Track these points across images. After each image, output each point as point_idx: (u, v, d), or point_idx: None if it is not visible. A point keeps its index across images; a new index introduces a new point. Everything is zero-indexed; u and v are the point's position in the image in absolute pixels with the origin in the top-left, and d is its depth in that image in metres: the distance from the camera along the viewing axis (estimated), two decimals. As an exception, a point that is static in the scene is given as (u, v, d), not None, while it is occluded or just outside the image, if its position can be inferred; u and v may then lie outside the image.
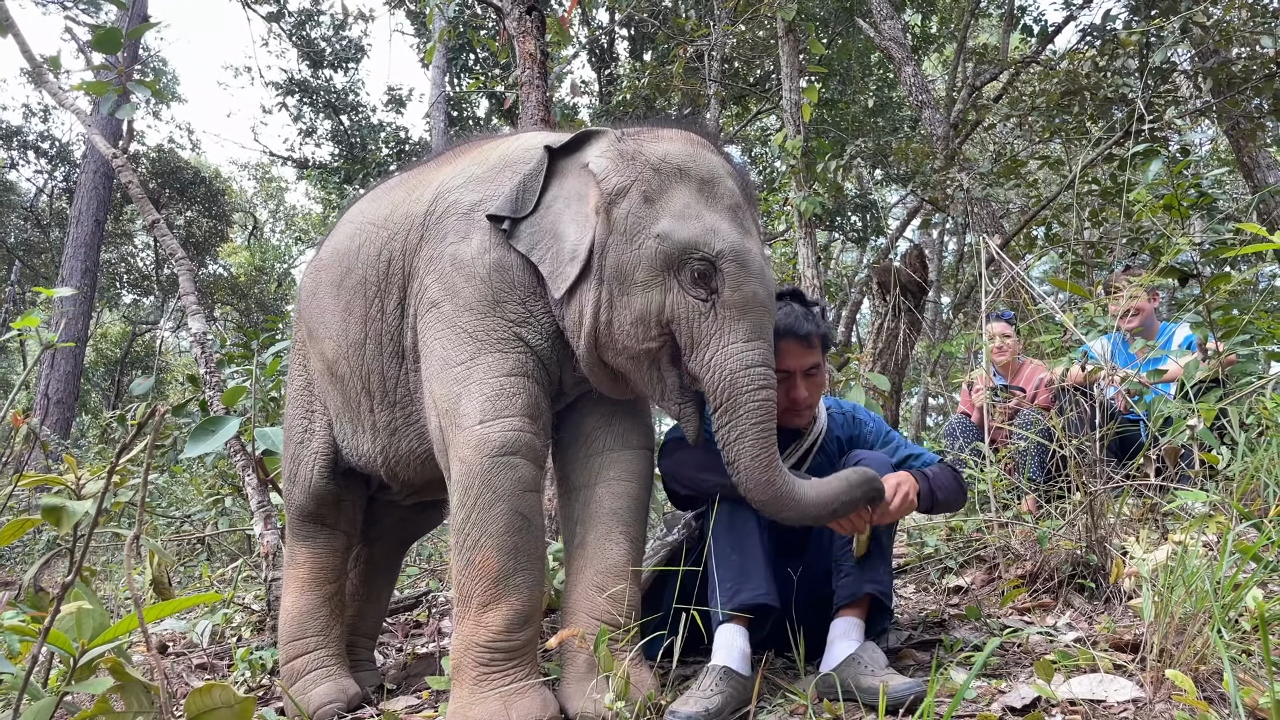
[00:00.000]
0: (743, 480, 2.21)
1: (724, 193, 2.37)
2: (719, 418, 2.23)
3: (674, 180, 2.33)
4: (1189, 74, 8.43)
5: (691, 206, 2.30)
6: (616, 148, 2.39)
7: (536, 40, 4.92)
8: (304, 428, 2.94)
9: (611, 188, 2.33)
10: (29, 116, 18.50)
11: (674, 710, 2.14)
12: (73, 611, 1.65)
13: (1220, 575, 2.06)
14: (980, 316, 4.06)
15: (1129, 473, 2.94)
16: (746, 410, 2.19)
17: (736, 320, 2.24)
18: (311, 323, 2.90)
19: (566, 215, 2.39)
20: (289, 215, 26.12)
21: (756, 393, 2.20)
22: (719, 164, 2.43)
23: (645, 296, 2.27)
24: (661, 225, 2.26)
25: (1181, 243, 3.52)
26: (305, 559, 2.91)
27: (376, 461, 2.76)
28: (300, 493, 2.90)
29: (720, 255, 2.24)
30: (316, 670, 2.78)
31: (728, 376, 2.20)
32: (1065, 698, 2.04)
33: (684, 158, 2.37)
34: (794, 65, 7.09)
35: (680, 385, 2.34)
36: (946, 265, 14.28)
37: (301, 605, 2.86)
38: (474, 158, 2.66)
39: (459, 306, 2.40)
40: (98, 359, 20.65)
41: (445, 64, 14.47)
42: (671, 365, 2.32)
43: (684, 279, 2.25)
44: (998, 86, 10.41)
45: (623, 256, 2.28)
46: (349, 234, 2.80)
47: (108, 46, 3.88)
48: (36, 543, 6.71)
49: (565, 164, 2.47)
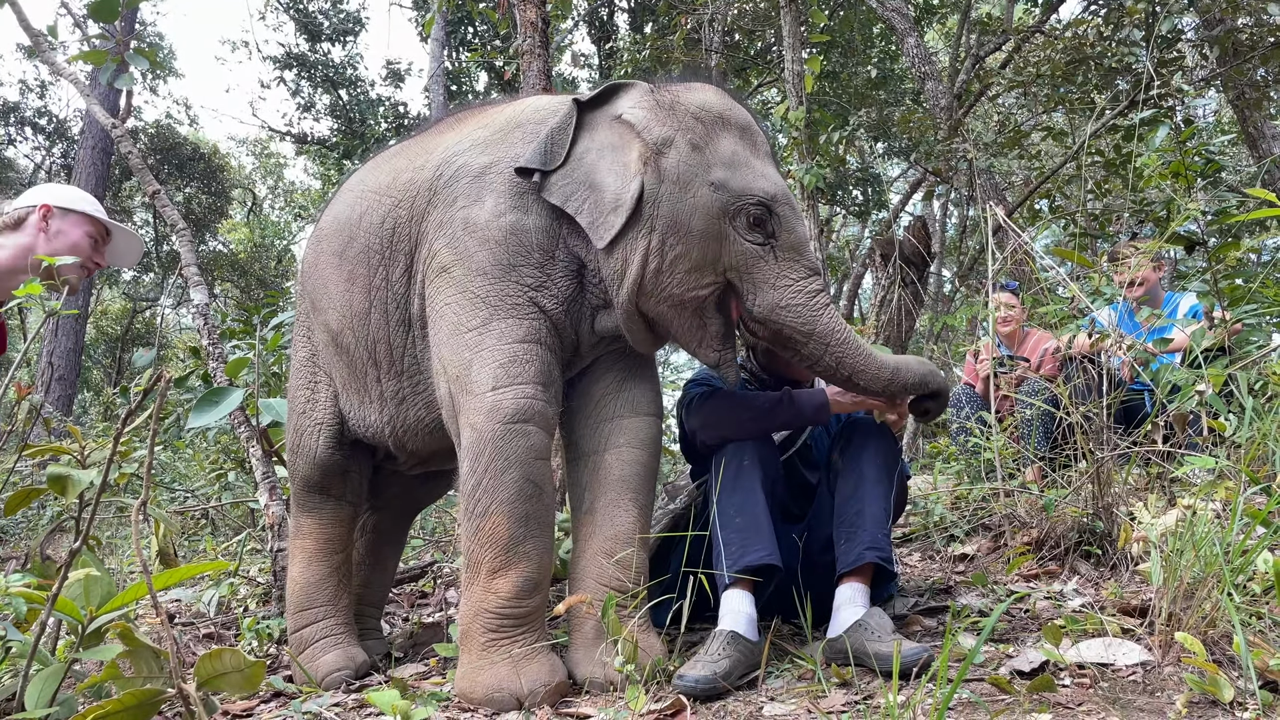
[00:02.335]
0: (869, 384, 2.37)
1: (760, 140, 2.47)
2: (808, 348, 2.34)
3: (717, 128, 2.39)
4: (1195, 43, 8.36)
5: (740, 154, 2.37)
6: (652, 98, 2.43)
7: (538, 8, 4.87)
8: (307, 398, 2.92)
9: (656, 137, 2.36)
10: (26, 92, 18.36)
11: (682, 674, 2.14)
12: (80, 579, 1.65)
13: (1230, 539, 2.06)
14: (986, 285, 4.04)
15: (1136, 440, 2.94)
16: (829, 331, 2.33)
17: (795, 260, 2.36)
18: (314, 294, 2.88)
19: (603, 165, 2.39)
20: (288, 191, 26.00)
21: (830, 313, 2.35)
22: (749, 113, 2.52)
23: (703, 244, 2.32)
24: (716, 174, 2.32)
25: (1191, 208, 3.49)
26: (311, 530, 2.90)
27: (384, 432, 2.74)
28: (305, 463, 2.89)
29: (774, 199, 2.34)
30: (325, 639, 2.78)
31: (803, 310, 2.32)
32: (1074, 661, 2.04)
33: (721, 106, 2.44)
34: (796, 36, 7.02)
35: (723, 332, 2.39)
36: (949, 238, 14.22)
37: (309, 576, 2.86)
38: (479, 121, 2.64)
39: (471, 271, 2.38)
40: (98, 336, 20.62)
41: (444, 37, 14.35)
42: (717, 312, 2.38)
43: (739, 225, 2.33)
44: (1001, 57, 10.32)
45: (678, 205, 2.31)
46: (349, 203, 2.78)
47: (104, 15, 3.84)
48: (41, 517, 6.72)
49: (593, 117, 2.48)
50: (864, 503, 2.46)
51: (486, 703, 2.16)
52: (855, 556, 2.41)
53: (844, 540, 2.46)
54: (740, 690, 2.17)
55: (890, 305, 6.36)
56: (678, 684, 2.13)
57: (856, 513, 2.45)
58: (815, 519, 2.66)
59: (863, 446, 2.54)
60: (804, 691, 2.10)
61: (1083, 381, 3.12)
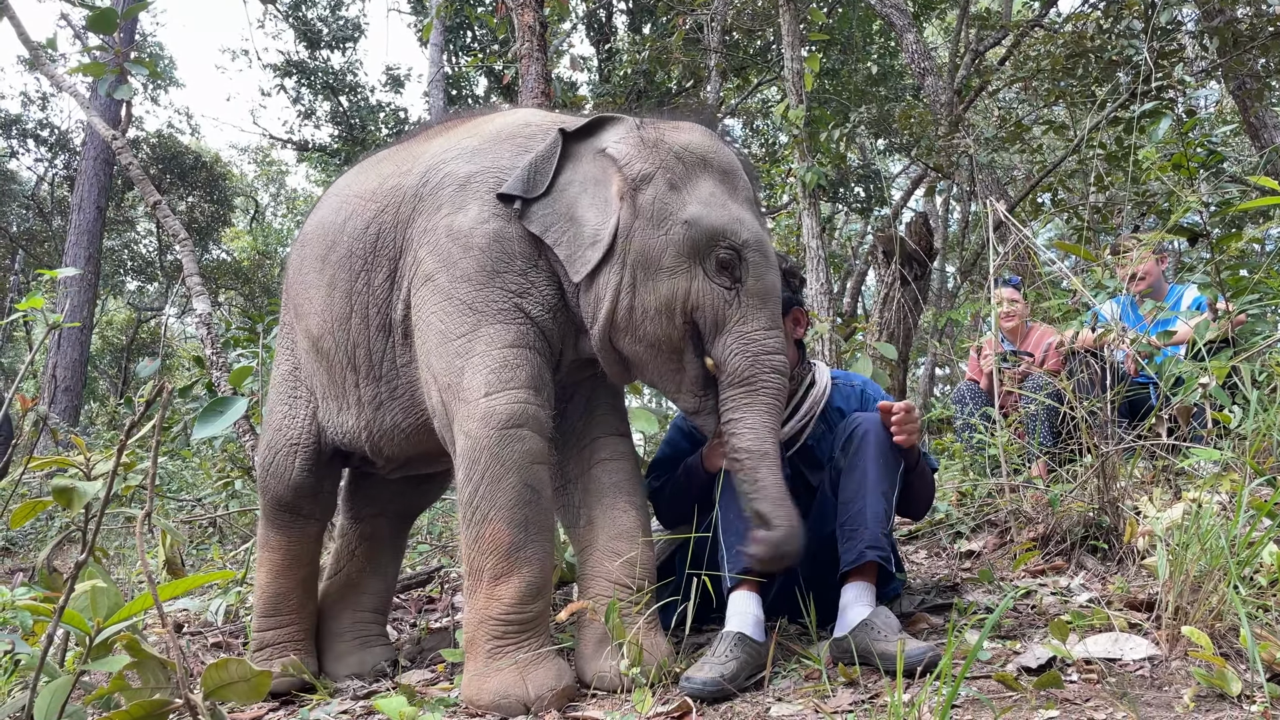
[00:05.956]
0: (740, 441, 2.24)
1: (742, 185, 2.44)
2: (732, 389, 2.28)
3: (698, 169, 2.38)
4: (1194, 34, 8.34)
5: (717, 195, 2.35)
6: (637, 134, 2.42)
7: (535, 12, 4.88)
8: (285, 414, 2.92)
9: (636, 173, 2.35)
10: (27, 104, 18.39)
11: (689, 677, 2.14)
12: (87, 590, 1.65)
13: (1235, 532, 2.05)
14: (988, 281, 4.03)
15: (1141, 433, 2.93)
16: (763, 388, 2.28)
17: (759, 308, 2.32)
18: (297, 299, 2.88)
19: (584, 199, 2.39)
20: (290, 198, 26.06)
21: (774, 376, 2.30)
22: (734, 157, 2.50)
23: (671, 282, 2.30)
24: (690, 211, 2.30)
25: (1191, 199, 3.48)
26: (280, 545, 2.93)
27: (361, 437, 2.75)
28: (277, 483, 2.89)
29: (745, 244, 2.31)
30: (283, 644, 2.86)
31: (750, 359, 2.27)
32: (1081, 657, 2.04)
33: (705, 148, 2.42)
34: (795, 34, 7.02)
35: (701, 377, 2.36)
36: (951, 234, 14.20)
37: (276, 588, 2.91)
38: (467, 130, 2.65)
39: (456, 278, 2.39)
40: (103, 346, 20.68)
41: (443, 42, 14.35)
42: (695, 356, 2.35)
43: (709, 266, 2.30)
44: (1001, 51, 10.30)
45: (649, 241, 2.31)
46: (334, 207, 2.79)
47: (103, 27, 3.85)
48: (48, 529, 6.74)
49: (579, 148, 2.48)
50: (866, 501, 2.45)
51: (494, 709, 2.16)
52: (856, 555, 2.41)
53: (846, 539, 2.45)
54: (747, 691, 2.17)
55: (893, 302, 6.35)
56: (685, 686, 2.13)
57: (858, 512, 2.45)
58: (818, 518, 2.66)
59: (865, 445, 2.54)
60: (810, 691, 2.10)
61: (1086, 376, 3.11)
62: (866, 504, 2.45)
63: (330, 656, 2.97)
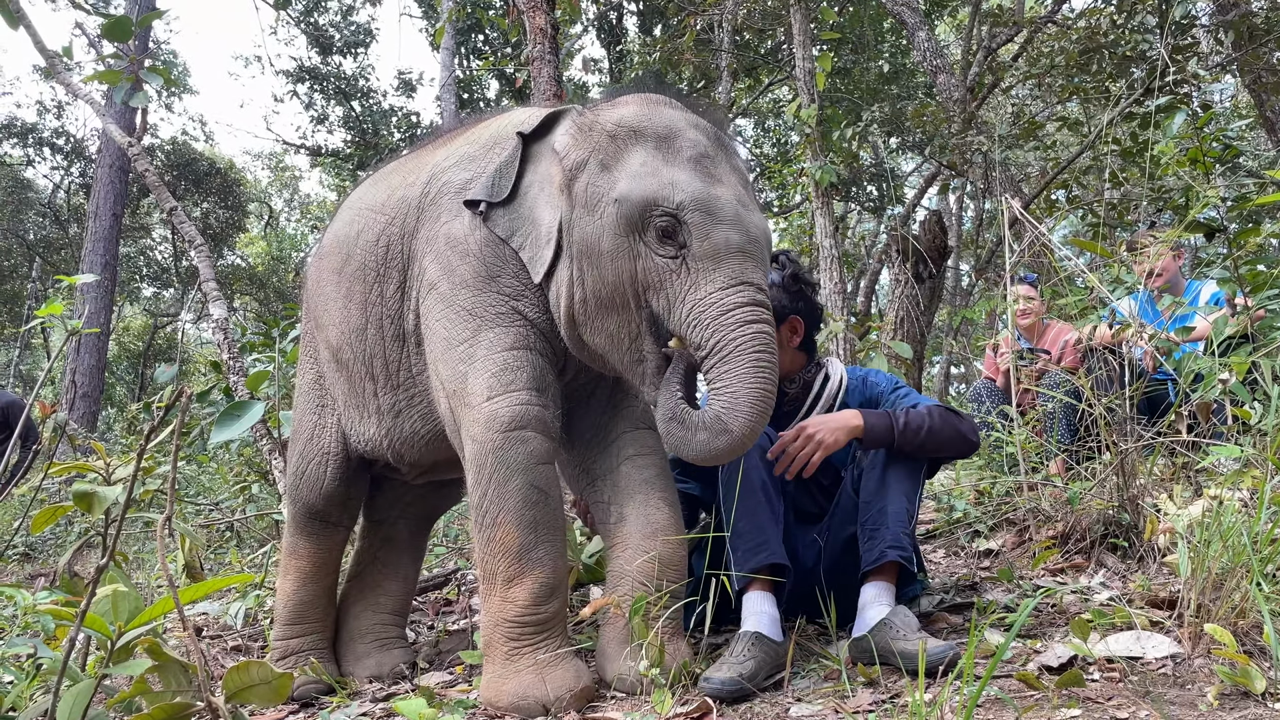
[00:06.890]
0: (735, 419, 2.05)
1: (685, 144, 2.23)
2: (709, 368, 2.09)
3: (629, 143, 2.24)
4: (1209, 28, 8.29)
5: (648, 163, 2.19)
6: (576, 122, 2.35)
7: (547, 15, 4.89)
8: (315, 423, 2.97)
9: (572, 162, 2.28)
10: (43, 113, 18.58)
11: (708, 677, 2.14)
12: (108, 595, 1.66)
13: (1257, 529, 2.04)
14: (1004, 279, 4.01)
15: (1160, 430, 2.91)
16: (738, 346, 2.05)
17: (711, 270, 2.10)
18: (317, 311, 2.94)
19: (541, 199, 2.37)
20: (304, 204, 26.18)
21: (744, 328, 2.06)
22: (679, 117, 2.31)
23: (615, 266, 2.18)
24: (619, 188, 2.18)
25: (1210, 194, 3.46)
26: (308, 553, 2.97)
27: (382, 445, 2.78)
28: (310, 491, 2.94)
29: (681, 206, 2.12)
30: (308, 652, 2.91)
31: (709, 324, 2.07)
32: (1102, 655, 2.02)
33: (638, 118, 2.28)
34: (806, 34, 7.01)
35: (661, 368, 2.21)
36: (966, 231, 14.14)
37: (303, 596, 2.96)
38: (467, 137, 2.67)
39: (455, 284, 2.41)
40: (121, 353, 20.84)
41: (454, 45, 14.41)
42: (654, 344, 2.21)
43: (650, 240, 2.15)
44: (1014, 48, 10.26)
45: (587, 230, 2.23)
46: (348, 220, 2.83)
47: (118, 35, 3.88)
48: (69, 534, 6.78)
49: (539, 148, 2.44)
50: (887, 500, 2.44)
51: (513, 710, 2.16)
52: (877, 555, 2.40)
53: (867, 539, 2.45)
54: (766, 691, 2.17)
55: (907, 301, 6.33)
56: (704, 686, 2.13)
57: (879, 511, 2.44)
58: (838, 518, 2.65)
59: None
60: (830, 691, 2.09)
61: (1104, 372, 3.09)
62: (888, 503, 2.44)
63: (350, 657, 3.00)
